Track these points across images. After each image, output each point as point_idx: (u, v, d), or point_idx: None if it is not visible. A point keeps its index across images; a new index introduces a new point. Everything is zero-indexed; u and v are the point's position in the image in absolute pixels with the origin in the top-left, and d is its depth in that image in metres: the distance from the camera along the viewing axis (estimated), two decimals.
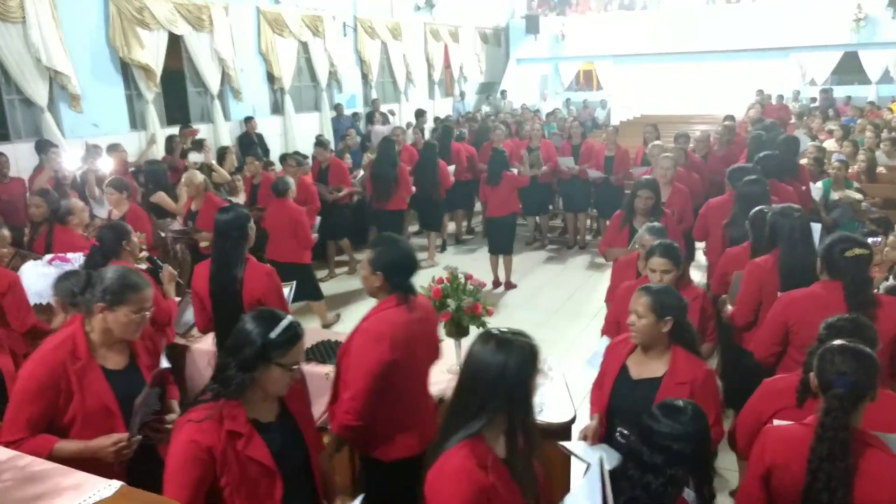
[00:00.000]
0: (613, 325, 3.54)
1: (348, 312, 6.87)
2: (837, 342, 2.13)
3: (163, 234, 6.12)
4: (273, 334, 2.02)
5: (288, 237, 5.97)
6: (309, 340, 3.45)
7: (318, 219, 6.96)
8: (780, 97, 13.53)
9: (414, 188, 8.14)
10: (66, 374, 2.31)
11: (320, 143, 8.70)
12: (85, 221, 5.24)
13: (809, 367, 2.22)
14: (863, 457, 1.99)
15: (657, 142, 6.98)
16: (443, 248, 9.15)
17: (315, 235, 6.44)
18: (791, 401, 2.39)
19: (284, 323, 2.05)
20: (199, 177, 5.89)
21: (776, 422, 2.31)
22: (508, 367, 1.82)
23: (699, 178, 6.53)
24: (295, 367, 2.07)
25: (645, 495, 1.98)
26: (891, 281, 4.09)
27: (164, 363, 2.54)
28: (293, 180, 6.37)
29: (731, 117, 9.55)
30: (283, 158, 8.96)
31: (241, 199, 7.40)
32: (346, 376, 2.69)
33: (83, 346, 2.38)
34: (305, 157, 8.20)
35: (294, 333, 2.06)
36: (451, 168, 8.89)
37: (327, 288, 7.52)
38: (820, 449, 1.99)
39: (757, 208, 3.90)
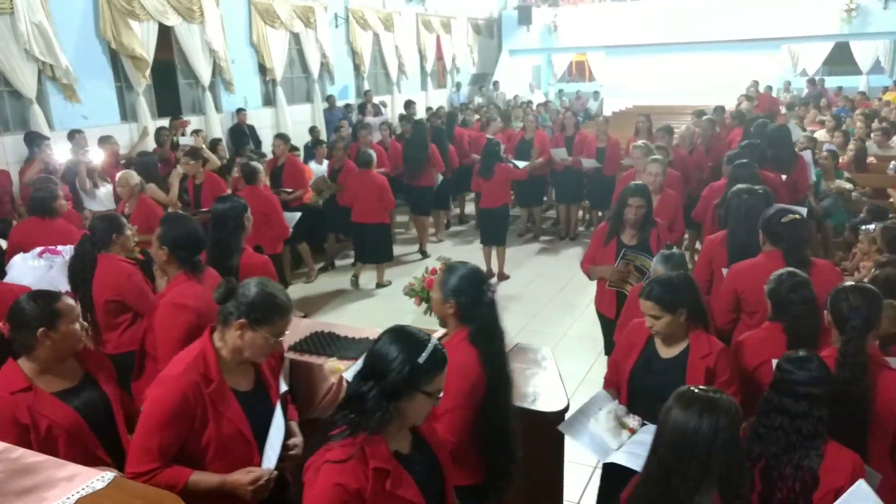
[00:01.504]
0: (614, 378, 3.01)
1: (332, 317, 6.88)
2: (848, 283, 2.48)
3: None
4: (421, 359, 1.80)
5: (374, 202, 6.98)
6: (304, 332, 3.45)
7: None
8: (769, 88, 13.60)
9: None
10: (202, 399, 2.13)
11: (280, 136, 7.82)
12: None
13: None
14: (879, 376, 2.35)
15: (639, 143, 6.03)
16: (447, 226, 9.86)
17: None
18: (771, 353, 2.58)
19: (431, 346, 1.84)
20: (135, 178, 5.53)
21: None
22: (720, 432, 1.73)
23: (679, 175, 6.02)
24: (440, 394, 1.89)
25: (800, 439, 2.12)
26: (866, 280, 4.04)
27: (283, 386, 2.36)
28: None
29: (720, 108, 9.54)
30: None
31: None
32: (156, 353, 2.86)
33: (214, 367, 2.18)
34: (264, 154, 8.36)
35: (441, 357, 1.86)
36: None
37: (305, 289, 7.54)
38: (843, 373, 2.29)
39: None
